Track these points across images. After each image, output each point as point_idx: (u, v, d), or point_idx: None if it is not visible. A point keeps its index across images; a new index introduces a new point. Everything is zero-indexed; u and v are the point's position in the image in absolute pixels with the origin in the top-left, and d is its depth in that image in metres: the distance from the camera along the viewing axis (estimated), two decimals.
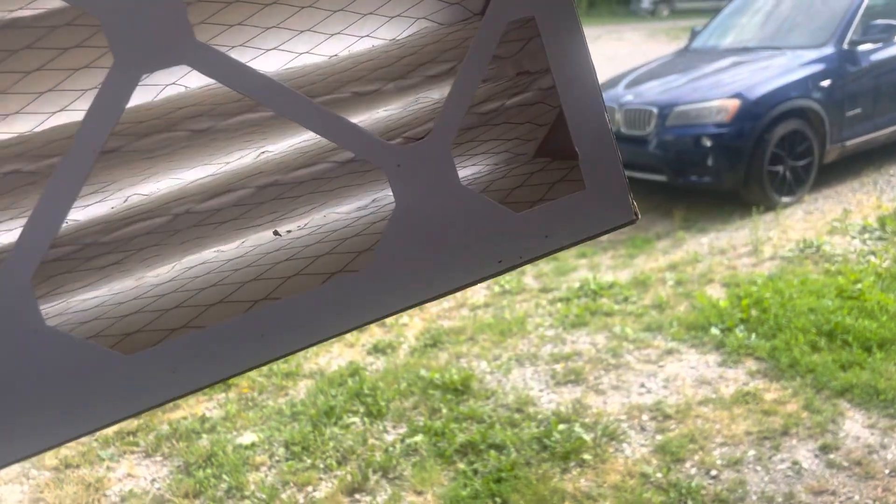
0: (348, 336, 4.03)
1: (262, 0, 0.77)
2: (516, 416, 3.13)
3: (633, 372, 3.42)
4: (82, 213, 0.76)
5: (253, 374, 3.65)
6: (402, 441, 3.03)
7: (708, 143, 5.26)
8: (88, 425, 0.60)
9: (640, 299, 4.17)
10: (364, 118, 0.86)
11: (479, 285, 4.53)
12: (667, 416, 3.05)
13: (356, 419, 3.22)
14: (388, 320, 4.17)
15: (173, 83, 0.77)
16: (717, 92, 5.47)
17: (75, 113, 0.74)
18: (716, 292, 4.15)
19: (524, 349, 3.72)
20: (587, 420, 3.06)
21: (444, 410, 3.20)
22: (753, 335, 3.56)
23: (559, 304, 4.18)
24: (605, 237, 5.22)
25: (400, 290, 0.70)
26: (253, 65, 0.67)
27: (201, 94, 0.78)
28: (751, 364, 3.36)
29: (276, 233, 0.86)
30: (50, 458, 3.11)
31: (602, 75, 9.09)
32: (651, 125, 5.49)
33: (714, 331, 3.66)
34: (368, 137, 0.68)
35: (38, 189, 0.65)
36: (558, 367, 3.52)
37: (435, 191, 0.71)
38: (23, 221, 0.73)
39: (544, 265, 4.77)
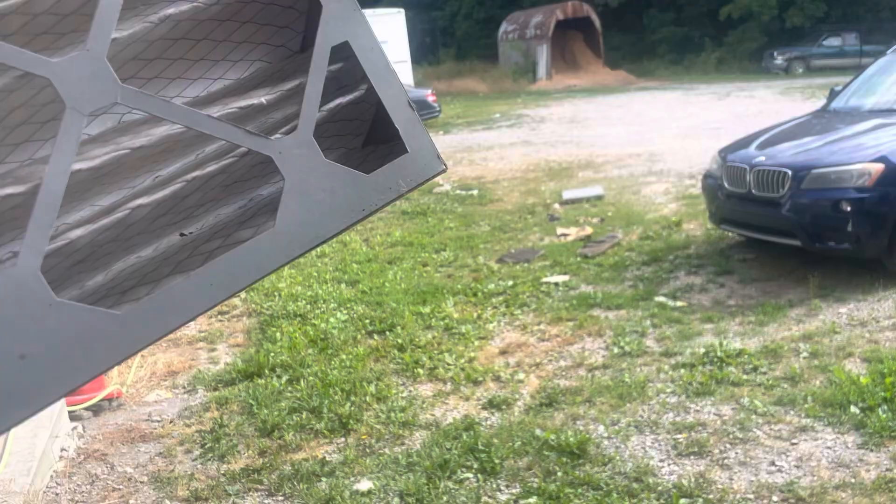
0: (464, 388, 4.05)
1: (170, 56, 1.15)
2: (635, 485, 3.03)
3: (762, 448, 3.24)
4: None
5: (371, 420, 3.73)
6: (516, 502, 3.00)
7: (848, 208, 4.99)
8: None
9: (770, 370, 3.97)
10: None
11: (597, 345, 4.44)
12: (800, 499, 2.86)
13: (469, 475, 3.21)
14: (504, 375, 4.16)
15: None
16: (859, 155, 5.19)
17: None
18: (856, 367, 3.88)
19: (644, 415, 3.61)
20: (711, 496, 2.92)
21: (560, 474, 3.14)
22: None
23: (682, 370, 4.04)
24: (733, 300, 4.97)
25: (290, 238, 1.08)
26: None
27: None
28: (895, 448, 3.11)
29: (182, 234, 1.15)
30: (182, 489, 3.28)
31: (731, 134, 8.84)
32: (785, 188, 5.27)
33: (854, 409, 3.42)
34: (258, 136, 1.05)
35: None
36: (681, 437, 3.38)
37: (309, 167, 1.08)
38: None
39: (666, 328, 4.63)
